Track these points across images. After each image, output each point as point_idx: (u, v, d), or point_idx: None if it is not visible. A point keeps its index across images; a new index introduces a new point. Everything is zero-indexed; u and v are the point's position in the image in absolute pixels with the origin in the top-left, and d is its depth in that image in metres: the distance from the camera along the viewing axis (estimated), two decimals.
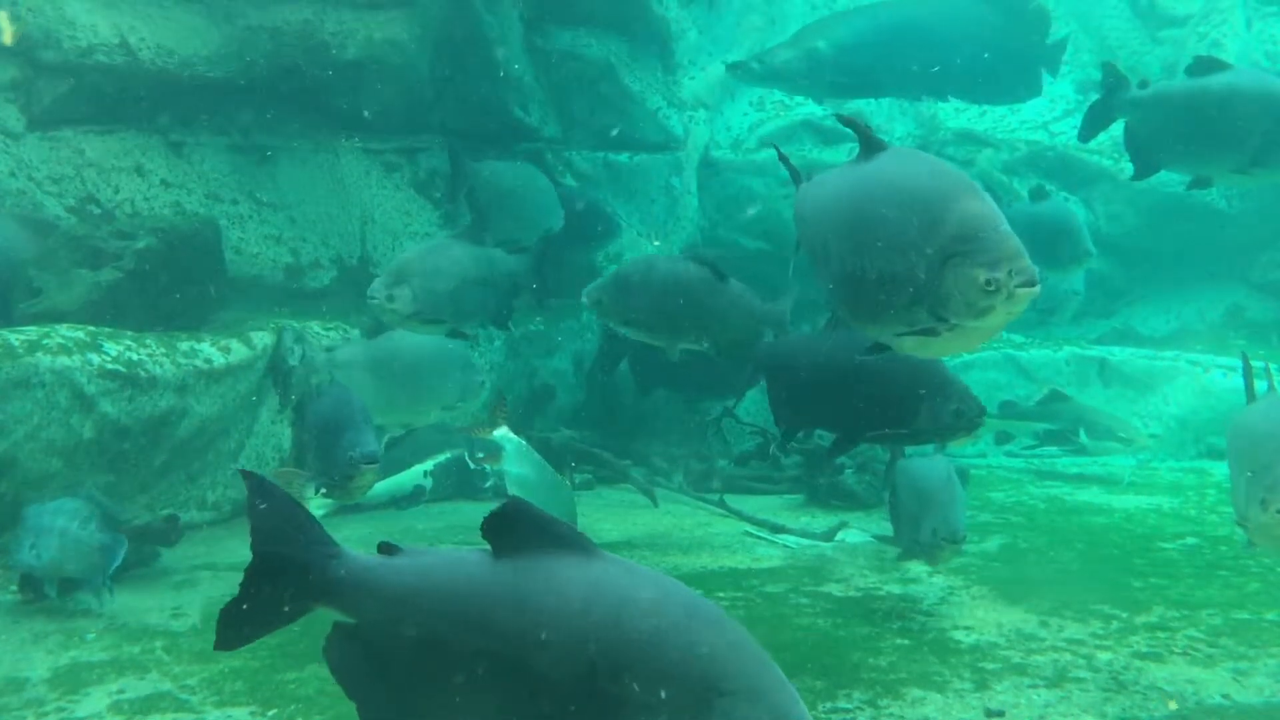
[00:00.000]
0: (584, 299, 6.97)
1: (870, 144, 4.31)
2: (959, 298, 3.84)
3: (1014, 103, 12.37)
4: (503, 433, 7.29)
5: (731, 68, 10.40)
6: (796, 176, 4.96)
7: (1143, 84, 6.90)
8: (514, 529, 3.01)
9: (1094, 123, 7.09)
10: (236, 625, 3.21)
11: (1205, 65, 6.64)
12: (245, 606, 3.20)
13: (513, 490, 7.16)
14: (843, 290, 4.30)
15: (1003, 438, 10.87)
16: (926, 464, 6.42)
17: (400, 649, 3.08)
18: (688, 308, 6.99)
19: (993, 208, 3.92)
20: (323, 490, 6.17)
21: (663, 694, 2.78)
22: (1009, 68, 9.48)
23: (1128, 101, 6.87)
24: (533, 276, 7.76)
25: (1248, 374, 5.58)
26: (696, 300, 7.04)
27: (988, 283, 3.78)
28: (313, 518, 3.27)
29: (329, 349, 7.99)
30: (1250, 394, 5.49)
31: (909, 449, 8.07)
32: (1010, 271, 3.77)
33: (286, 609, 3.20)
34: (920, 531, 6.11)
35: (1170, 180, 8.48)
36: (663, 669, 2.78)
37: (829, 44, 9.40)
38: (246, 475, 3.33)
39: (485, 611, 2.96)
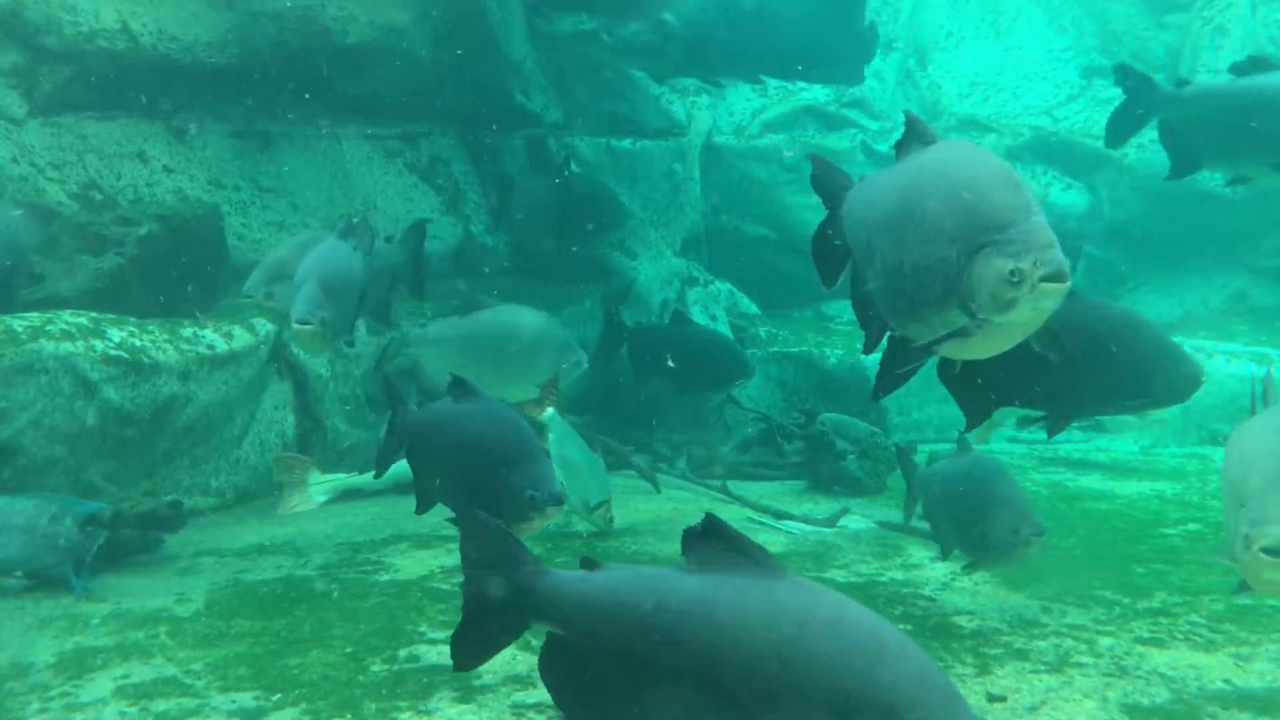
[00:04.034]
0: (297, 324, 6.23)
1: (922, 137, 4.26)
2: (985, 289, 3.76)
3: (846, 85, 12.47)
4: (551, 414, 7.35)
5: (576, 37, 10.36)
6: (837, 191, 4.69)
7: (1180, 83, 6.76)
8: (706, 544, 3.15)
9: (1125, 126, 6.83)
10: (468, 646, 3.63)
11: (1251, 64, 6.46)
12: (472, 628, 3.57)
13: (557, 469, 7.20)
14: (884, 286, 4.23)
15: (1025, 422, 10.82)
16: (965, 464, 5.99)
17: (599, 659, 3.24)
18: (380, 286, 6.99)
19: (1028, 199, 3.83)
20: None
21: (844, 717, 2.76)
22: (840, 51, 9.61)
23: (1163, 99, 6.66)
24: (408, 268, 7.70)
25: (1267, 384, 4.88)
26: (379, 274, 7.06)
27: (1011, 273, 3.68)
28: (520, 542, 3.49)
29: (422, 325, 7.90)
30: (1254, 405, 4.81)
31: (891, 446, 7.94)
32: (1036, 262, 3.67)
33: (507, 626, 3.51)
34: (993, 535, 5.62)
35: None
36: (843, 690, 2.78)
37: (676, 17, 9.34)
38: (457, 511, 3.60)
39: (674, 625, 3.08)
